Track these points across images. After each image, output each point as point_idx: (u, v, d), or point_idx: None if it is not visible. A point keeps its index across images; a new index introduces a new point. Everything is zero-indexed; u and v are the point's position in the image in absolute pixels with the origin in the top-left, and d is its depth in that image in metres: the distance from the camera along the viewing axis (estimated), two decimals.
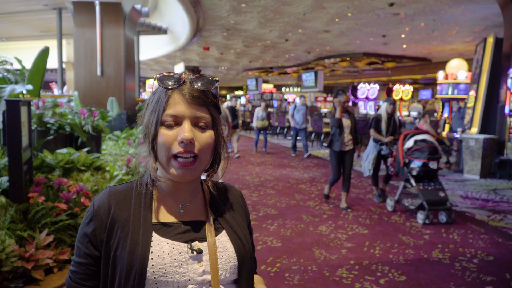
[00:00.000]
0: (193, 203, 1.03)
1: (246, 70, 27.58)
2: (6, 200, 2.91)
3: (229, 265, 0.97)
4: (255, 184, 7.44)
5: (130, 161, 4.72)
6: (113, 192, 0.99)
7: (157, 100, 0.96)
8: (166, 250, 0.93)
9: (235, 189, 1.17)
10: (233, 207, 1.10)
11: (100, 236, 0.94)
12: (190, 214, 1.01)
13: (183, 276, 0.92)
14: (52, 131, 4.55)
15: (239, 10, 11.10)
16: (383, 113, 6.21)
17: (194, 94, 0.94)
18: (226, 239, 1.01)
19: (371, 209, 5.84)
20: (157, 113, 0.94)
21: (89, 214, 0.97)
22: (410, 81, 26.82)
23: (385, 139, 6.05)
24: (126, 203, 0.98)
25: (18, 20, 12.85)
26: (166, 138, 0.92)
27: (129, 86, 8.82)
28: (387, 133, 6.17)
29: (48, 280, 2.70)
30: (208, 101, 0.96)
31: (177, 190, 1.00)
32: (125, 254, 0.91)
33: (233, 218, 1.07)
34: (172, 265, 0.92)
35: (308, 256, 4.06)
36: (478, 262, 3.99)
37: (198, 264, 0.94)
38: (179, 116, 0.93)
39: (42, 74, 4.24)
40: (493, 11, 10.36)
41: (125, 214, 0.96)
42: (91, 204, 0.99)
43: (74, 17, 8.29)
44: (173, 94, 0.94)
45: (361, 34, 14.14)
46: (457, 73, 13.96)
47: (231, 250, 0.99)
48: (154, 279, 0.90)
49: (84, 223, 0.97)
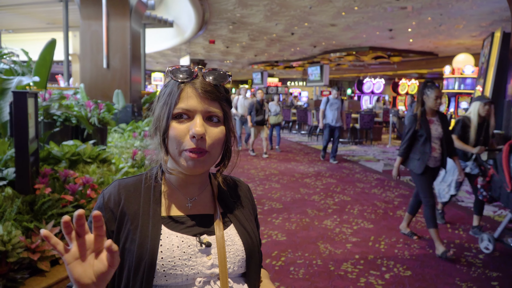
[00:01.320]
0: (202, 197, 1.03)
1: (251, 64, 27.50)
2: (12, 191, 2.92)
3: (237, 259, 0.97)
4: (260, 178, 7.44)
5: (135, 154, 4.73)
6: (122, 185, 0.99)
7: (169, 93, 0.95)
8: (175, 243, 0.93)
9: (243, 183, 1.17)
10: (241, 201, 1.10)
11: (109, 228, 0.94)
12: (198, 208, 1.01)
13: (192, 269, 0.92)
14: (59, 123, 4.56)
15: (245, 3, 11.05)
16: (472, 116, 4.55)
17: (207, 88, 0.93)
18: (234, 232, 1.01)
19: (376, 204, 5.83)
20: (168, 106, 0.94)
21: (98, 206, 0.97)
22: (416, 75, 26.68)
23: (474, 149, 4.43)
24: (135, 196, 0.98)
25: (24, 12, 12.86)
26: (178, 132, 0.92)
27: (135, 79, 8.83)
28: (477, 143, 4.54)
29: (54, 272, 2.71)
30: (220, 96, 0.95)
31: (186, 183, 1.00)
32: (134, 247, 0.91)
33: (241, 212, 1.07)
34: (181, 258, 0.92)
35: (313, 250, 4.06)
36: (484, 257, 3.98)
37: (206, 257, 0.94)
38: (191, 110, 0.92)
39: (49, 66, 4.25)
40: (500, 5, 10.25)
41: (134, 207, 0.96)
42: (100, 196, 0.99)
43: (80, 9, 8.29)
44: (185, 88, 0.94)
45: (368, 28, 14.05)
46: (463, 67, 13.84)
47: (239, 244, 0.99)
48: (163, 271, 0.90)
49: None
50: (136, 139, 5.97)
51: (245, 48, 20.24)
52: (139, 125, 6.90)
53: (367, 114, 13.50)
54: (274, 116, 10.98)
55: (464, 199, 6.25)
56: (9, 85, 3.38)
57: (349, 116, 13.27)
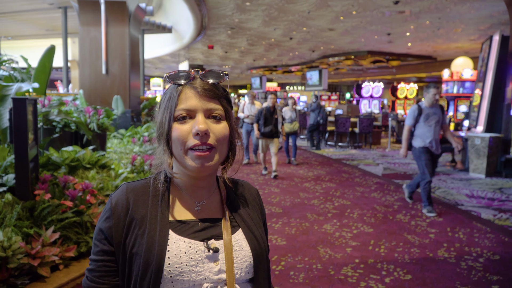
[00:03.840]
0: (210, 200, 1.03)
1: (250, 69, 27.57)
2: (12, 197, 2.93)
3: (244, 264, 0.97)
4: (259, 183, 7.44)
5: (135, 159, 4.73)
6: (130, 188, 0.99)
7: (169, 98, 0.96)
8: (182, 249, 0.92)
9: (251, 187, 1.16)
10: (250, 205, 1.09)
11: (117, 233, 0.94)
12: (206, 212, 1.01)
13: (199, 275, 0.92)
14: (58, 129, 4.57)
15: (244, 8, 11.08)
16: None
17: (205, 86, 0.94)
18: (242, 237, 1.00)
19: (376, 208, 5.83)
20: (169, 109, 0.95)
21: (106, 211, 0.97)
22: (415, 79, 26.74)
23: None
24: (143, 200, 0.98)
25: (23, 19, 12.89)
26: (180, 132, 0.92)
27: (134, 84, 8.84)
28: None
29: (54, 277, 2.71)
30: (219, 93, 0.96)
31: (194, 186, 1.00)
32: (141, 251, 0.91)
33: (249, 216, 1.06)
34: (188, 264, 0.91)
35: (313, 254, 4.06)
36: (484, 261, 3.98)
37: (214, 263, 0.94)
38: (192, 110, 0.93)
39: (48, 73, 4.26)
40: (499, 8, 10.29)
41: (142, 211, 0.96)
42: (108, 200, 0.98)
43: (79, 15, 8.31)
44: (184, 90, 0.95)
45: (366, 32, 14.09)
46: (462, 71, 13.90)
47: (247, 249, 0.98)
48: (170, 277, 0.90)
49: (101, 220, 0.97)
50: (135, 145, 5.97)
51: (244, 53, 20.29)
52: (138, 131, 6.91)
53: (366, 118, 13.53)
54: (289, 123, 9.75)
55: (464, 202, 6.25)
56: (9, 91, 3.39)
57: (348, 121, 13.30)
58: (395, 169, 9.36)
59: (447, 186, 7.44)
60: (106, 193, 3.70)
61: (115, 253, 0.94)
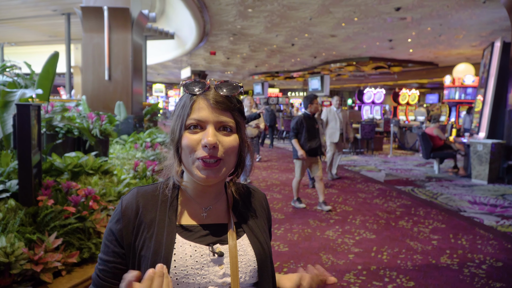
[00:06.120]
0: (216, 206, 1.05)
1: (252, 75, 27.63)
2: (15, 203, 2.93)
3: (248, 269, 0.99)
4: (261, 189, 7.41)
5: (137, 165, 4.74)
6: (141, 192, 1.02)
7: (182, 106, 0.98)
8: (188, 253, 0.95)
9: (259, 192, 1.18)
10: (256, 210, 1.11)
11: (127, 235, 0.97)
12: (213, 217, 1.03)
13: (204, 278, 0.94)
14: (61, 135, 4.58)
15: (246, 15, 11.14)
16: None
17: (218, 99, 0.96)
18: (247, 242, 1.02)
19: (378, 214, 5.82)
20: (181, 118, 0.97)
21: (116, 213, 1.00)
22: (417, 85, 26.75)
23: None
24: (152, 204, 1.00)
25: (27, 25, 12.98)
26: (190, 141, 0.94)
27: (136, 90, 8.87)
28: None
29: (57, 283, 2.70)
30: (231, 106, 0.97)
31: (201, 193, 1.02)
32: (149, 254, 0.93)
33: (255, 221, 1.08)
34: (194, 267, 0.94)
35: (315, 261, 4.05)
36: (487, 268, 3.96)
37: (219, 266, 0.96)
38: (203, 121, 0.94)
39: (51, 79, 4.28)
40: (500, 15, 10.32)
41: (151, 215, 0.98)
42: (119, 203, 1.01)
43: (82, 22, 8.36)
44: (197, 100, 0.96)
45: (368, 39, 14.14)
46: (464, 77, 13.92)
47: (251, 254, 1.01)
48: (176, 280, 0.92)
49: (111, 222, 0.99)
50: (137, 151, 5.98)
51: (246, 59, 20.36)
52: (141, 137, 6.93)
53: (368, 124, 13.52)
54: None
55: (467, 209, 6.24)
56: (13, 97, 3.41)
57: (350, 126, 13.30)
58: (397, 175, 9.35)
59: (449, 193, 7.42)
60: (109, 199, 3.71)
61: (125, 254, 0.97)
